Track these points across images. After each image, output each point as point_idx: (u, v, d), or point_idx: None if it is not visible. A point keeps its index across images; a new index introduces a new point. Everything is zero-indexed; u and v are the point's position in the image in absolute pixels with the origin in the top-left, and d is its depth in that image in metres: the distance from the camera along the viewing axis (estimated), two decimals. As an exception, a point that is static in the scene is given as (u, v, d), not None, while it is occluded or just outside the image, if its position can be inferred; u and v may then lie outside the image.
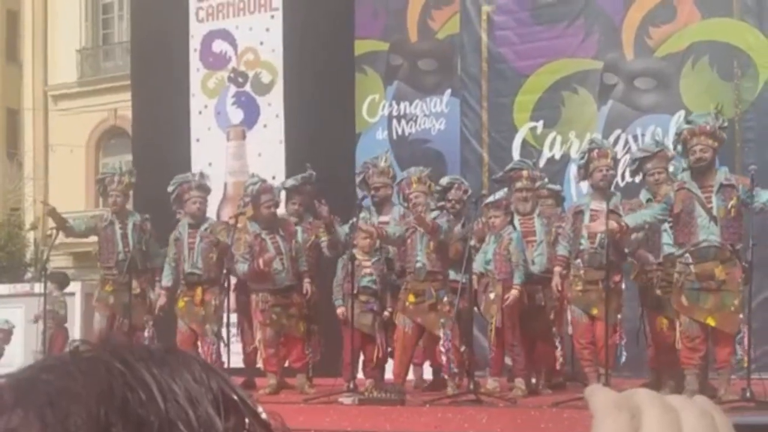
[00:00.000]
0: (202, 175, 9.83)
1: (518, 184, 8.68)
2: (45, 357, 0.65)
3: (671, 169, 8.27)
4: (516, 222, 8.65)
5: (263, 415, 0.67)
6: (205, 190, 9.64)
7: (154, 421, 0.61)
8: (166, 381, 0.63)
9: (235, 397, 0.66)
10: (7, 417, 0.60)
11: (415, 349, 8.71)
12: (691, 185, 7.41)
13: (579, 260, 8.09)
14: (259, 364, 9.49)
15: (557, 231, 8.50)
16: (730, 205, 7.32)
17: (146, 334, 9.51)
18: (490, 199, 8.74)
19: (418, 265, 8.41)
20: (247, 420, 0.65)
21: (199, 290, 9.29)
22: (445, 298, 8.35)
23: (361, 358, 8.99)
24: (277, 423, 0.68)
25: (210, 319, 9.22)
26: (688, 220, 7.36)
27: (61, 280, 13.12)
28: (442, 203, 8.95)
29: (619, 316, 7.99)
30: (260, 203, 9.11)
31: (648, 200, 8.15)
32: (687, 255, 7.35)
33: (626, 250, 8.15)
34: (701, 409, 0.62)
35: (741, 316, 7.34)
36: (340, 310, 8.94)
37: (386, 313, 8.80)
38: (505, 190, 8.88)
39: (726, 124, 7.73)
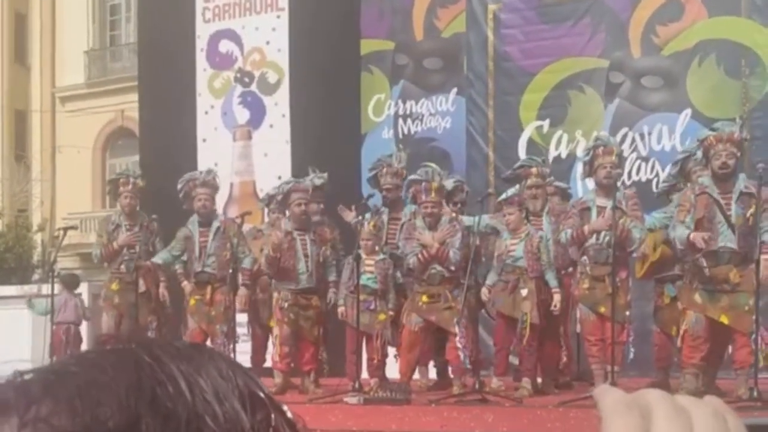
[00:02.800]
0: (209, 172, 9.83)
1: (528, 182, 8.65)
2: (71, 354, 0.65)
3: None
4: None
5: (289, 414, 0.67)
6: (211, 186, 9.62)
7: (182, 413, 0.61)
8: (193, 376, 0.63)
9: (262, 395, 0.66)
10: (37, 407, 0.60)
11: (421, 348, 8.69)
12: (712, 191, 7.41)
13: (585, 257, 8.07)
14: (268, 364, 9.48)
15: (562, 228, 8.45)
16: (748, 213, 7.37)
17: (150, 334, 9.51)
18: (503, 196, 8.73)
19: (433, 271, 8.40)
20: (273, 416, 0.65)
21: (209, 289, 9.28)
22: (459, 297, 8.35)
23: (365, 357, 8.97)
24: (300, 424, 0.68)
25: (220, 319, 9.20)
26: (708, 226, 7.37)
27: (70, 281, 13.08)
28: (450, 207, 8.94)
29: (627, 313, 7.96)
30: (290, 202, 9.06)
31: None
32: (701, 258, 7.34)
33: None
34: (713, 409, 0.60)
35: (754, 317, 7.36)
36: (340, 310, 8.92)
37: (391, 313, 8.77)
38: (517, 186, 8.85)
39: (748, 137, 7.75)
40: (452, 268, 8.35)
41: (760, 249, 7.30)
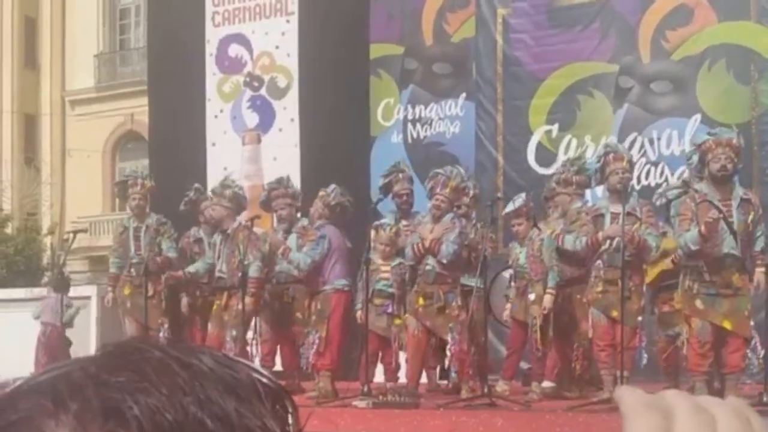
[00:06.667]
0: (223, 183, 9.88)
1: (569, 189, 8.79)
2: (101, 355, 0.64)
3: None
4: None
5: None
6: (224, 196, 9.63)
7: (234, 418, 0.61)
8: (232, 378, 0.63)
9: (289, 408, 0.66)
10: (101, 421, 0.59)
11: (426, 352, 8.69)
12: (712, 197, 7.41)
13: (599, 261, 8.07)
14: (277, 367, 9.49)
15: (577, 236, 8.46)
16: (749, 220, 7.40)
17: (161, 335, 9.53)
18: (510, 208, 8.77)
19: (428, 267, 8.40)
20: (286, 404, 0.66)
21: (225, 295, 9.32)
22: (454, 302, 8.33)
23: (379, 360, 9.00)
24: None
25: (233, 323, 9.19)
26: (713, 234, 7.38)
27: (57, 284, 12.95)
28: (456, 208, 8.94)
29: (639, 318, 7.96)
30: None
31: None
32: (702, 264, 7.35)
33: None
34: (736, 409, 0.60)
35: (752, 321, 7.43)
36: (358, 314, 8.92)
37: (406, 316, 8.78)
38: (523, 196, 8.87)
39: (743, 145, 7.80)
40: (444, 261, 8.31)
41: (753, 256, 7.42)
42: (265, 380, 0.64)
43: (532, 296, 8.43)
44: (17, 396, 0.61)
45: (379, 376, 9.02)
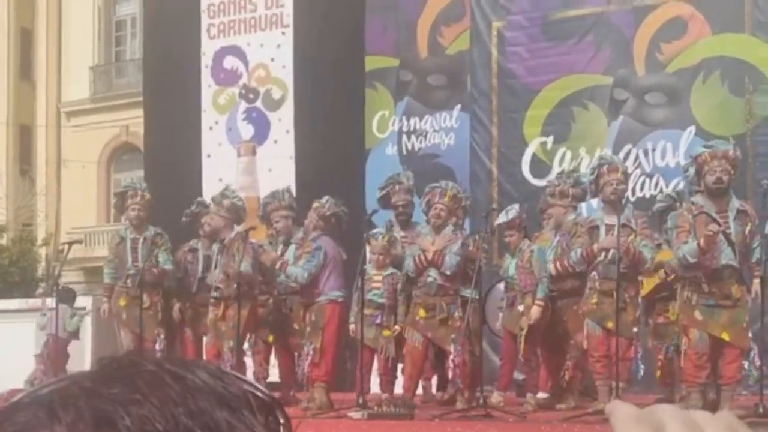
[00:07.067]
0: (222, 193, 9.87)
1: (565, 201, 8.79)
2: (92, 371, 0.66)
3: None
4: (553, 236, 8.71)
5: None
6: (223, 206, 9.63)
7: (224, 428, 0.63)
8: (225, 390, 0.64)
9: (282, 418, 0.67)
10: (93, 431, 0.61)
11: (424, 363, 8.69)
12: (709, 209, 7.43)
13: (594, 273, 8.07)
14: (272, 378, 9.47)
15: (566, 244, 8.47)
16: (746, 231, 7.43)
17: (157, 346, 9.52)
18: (503, 219, 8.76)
19: (429, 279, 8.40)
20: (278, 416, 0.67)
21: (222, 305, 9.30)
22: (456, 313, 8.34)
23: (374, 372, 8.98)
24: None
25: (230, 334, 9.18)
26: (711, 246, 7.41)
27: (64, 295, 12.95)
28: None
29: (635, 329, 7.96)
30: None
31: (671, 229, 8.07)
32: (701, 275, 7.37)
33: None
34: (727, 424, 0.60)
35: (750, 333, 7.45)
36: (351, 327, 8.91)
37: (396, 328, 8.77)
38: (516, 207, 8.88)
39: (740, 157, 7.81)
40: (447, 272, 8.33)
41: (751, 267, 7.45)
42: (258, 393, 0.66)
43: (521, 307, 8.44)
44: (17, 409, 0.64)
45: (374, 387, 9.00)
